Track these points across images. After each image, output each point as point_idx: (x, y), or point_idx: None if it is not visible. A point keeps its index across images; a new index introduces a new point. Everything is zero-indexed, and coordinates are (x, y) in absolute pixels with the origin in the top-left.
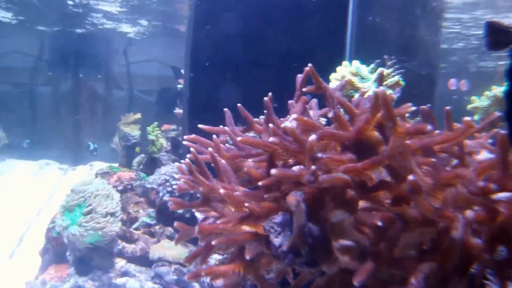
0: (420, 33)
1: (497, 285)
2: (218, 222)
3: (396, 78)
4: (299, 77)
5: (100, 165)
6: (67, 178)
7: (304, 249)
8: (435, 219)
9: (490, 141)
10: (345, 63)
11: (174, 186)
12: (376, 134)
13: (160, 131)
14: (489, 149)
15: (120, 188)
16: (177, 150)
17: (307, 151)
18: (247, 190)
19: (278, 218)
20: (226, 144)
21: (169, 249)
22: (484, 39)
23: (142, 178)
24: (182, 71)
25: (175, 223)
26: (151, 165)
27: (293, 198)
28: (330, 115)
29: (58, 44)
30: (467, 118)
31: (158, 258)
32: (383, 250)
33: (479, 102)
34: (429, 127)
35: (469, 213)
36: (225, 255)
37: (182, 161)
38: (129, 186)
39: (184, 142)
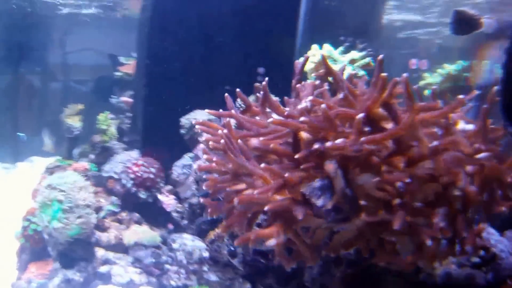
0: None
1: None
2: (255, 192)
3: (367, 60)
4: (298, 63)
5: (40, 160)
6: (11, 176)
7: (345, 206)
8: (443, 174)
9: (466, 113)
10: (315, 46)
11: (138, 173)
12: (381, 110)
13: (111, 120)
14: (466, 120)
15: None
16: (122, 138)
17: (356, 125)
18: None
19: (316, 183)
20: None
21: (142, 234)
22: (451, 25)
23: (91, 169)
24: (122, 58)
25: (201, 199)
26: (104, 154)
27: (332, 166)
28: (341, 96)
29: None
30: (460, 96)
31: (134, 243)
32: (406, 202)
33: (431, 78)
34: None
35: (468, 168)
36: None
37: (204, 143)
38: (86, 177)
39: (197, 127)
